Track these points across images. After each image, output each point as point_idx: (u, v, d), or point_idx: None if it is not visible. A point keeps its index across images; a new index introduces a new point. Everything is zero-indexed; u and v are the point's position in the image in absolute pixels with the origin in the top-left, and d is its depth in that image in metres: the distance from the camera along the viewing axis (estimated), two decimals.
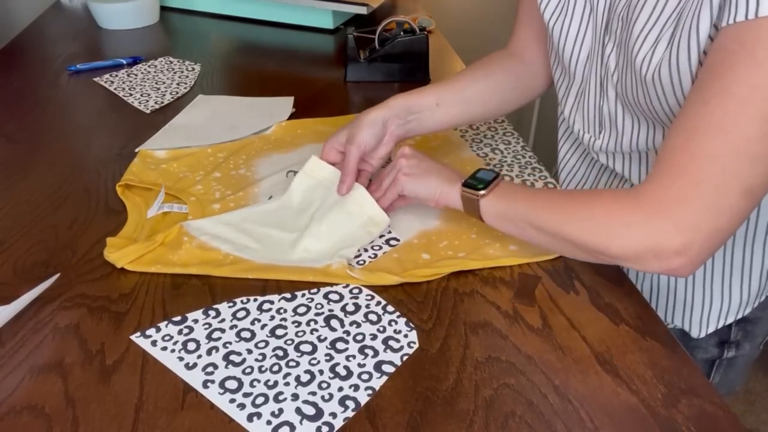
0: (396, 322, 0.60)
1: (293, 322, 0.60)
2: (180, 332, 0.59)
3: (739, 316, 0.76)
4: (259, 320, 0.60)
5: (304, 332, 0.59)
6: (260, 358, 0.56)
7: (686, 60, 0.55)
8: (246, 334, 0.59)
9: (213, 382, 0.54)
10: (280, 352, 0.57)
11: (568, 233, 0.58)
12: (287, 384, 0.54)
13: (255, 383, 0.54)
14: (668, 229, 0.51)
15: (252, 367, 0.55)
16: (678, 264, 0.53)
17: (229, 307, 0.62)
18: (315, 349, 0.57)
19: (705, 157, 0.50)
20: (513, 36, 0.85)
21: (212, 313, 0.61)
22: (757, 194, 0.51)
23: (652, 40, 0.59)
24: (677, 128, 0.53)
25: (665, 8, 0.58)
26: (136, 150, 0.88)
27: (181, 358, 0.56)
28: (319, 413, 0.51)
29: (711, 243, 0.52)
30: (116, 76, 1.14)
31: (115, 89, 1.09)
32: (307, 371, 0.55)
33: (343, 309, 0.62)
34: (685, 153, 0.51)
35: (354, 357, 0.56)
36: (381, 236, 0.72)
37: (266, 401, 0.52)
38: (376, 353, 0.57)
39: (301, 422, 0.50)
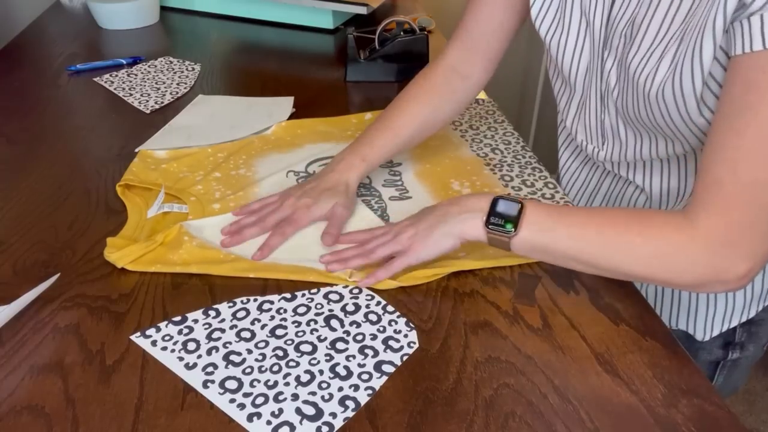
0: (396, 322, 0.60)
1: (293, 322, 0.60)
2: (180, 332, 0.59)
3: (744, 319, 0.76)
4: (259, 320, 0.60)
5: (304, 332, 0.59)
6: (260, 358, 0.56)
7: (689, 81, 0.56)
8: (246, 334, 0.59)
9: (213, 382, 0.54)
10: (280, 352, 0.57)
11: (628, 271, 0.57)
12: (287, 384, 0.54)
13: (255, 383, 0.54)
14: (734, 261, 0.53)
15: (252, 367, 0.55)
16: (739, 285, 0.54)
17: (229, 307, 0.62)
18: (315, 349, 0.57)
19: (755, 186, 0.51)
20: (451, 45, 0.81)
21: (212, 313, 0.61)
22: None
23: (656, 58, 0.59)
24: (716, 160, 0.53)
25: (671, 27, 0.58)
26: (136, 150, 0.88)
27: (181, 358, 0.56)
28: (319, 413, 0.51)
29: (765, 261, 0.54)
30: (116, 76, 1.14)
31: (115, 89, 1.09)
32: (307, 371, 0.55)
33: (343, 309, 0.62)
34: (735, 185, 0.51)
35: (354, 357, 0.56)
36: None
37: (266, 401, 0.52)
38: (376, 353, 0.57)
39: (301, 422, 0.50)
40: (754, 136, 0.50)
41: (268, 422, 0.50)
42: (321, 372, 0.55)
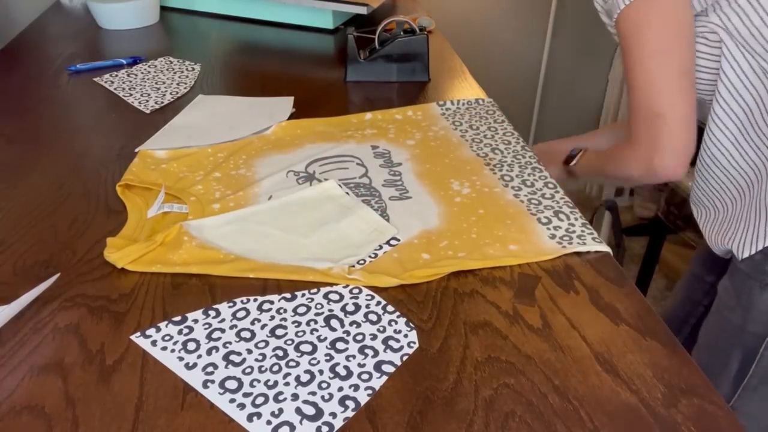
0: (396, 322, 0.60)
1: (293, 322, 0.60)
2: (180, 332, 0.59)
3: None
4: (259, 320, 0.60)
5: (304, 332, 0.59)
6: (260, 358, 0.56)
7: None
8: (246, 334, 0.59)
9: (213, 382, 0.54)
10: (280, 352, 0.57)
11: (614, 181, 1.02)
12: (287, 384, 0.54)
13: (255, 383, 0.54)
14: (657, 157, 0.81)
15: (252, 367, 0.55)
16: (673, 172, 0.81)
17: (229, 307, 0.62)
18: (315, 349, 0.57)
19: (643, 107, 0.80)
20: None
21: (212, 313, 0.61)
22: (691, 74, 0.80)
23: None
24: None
25: None
26: (136, 150, 0.88)
27: (181, 358, 0.56)
28: (319, 413, 0.51)
29: (685, 132, 0.80)
30: (116, 76, 1.14)
31: (115, 89, 1.09)
32: (307, 371, 0.55)
33: (343, 309, 0.62)
34: (635, 110, 0.82)
35: (354, 357, 0.56)
36: None
37: (266, 401, 0.52)
38: (376, 353, 0.57)
39: (301, 422, 0.50)
40: (631, 73, 0.79)
41: (268, 422, 0.50)
42: (321, 372, 0.55)
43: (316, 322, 0.60)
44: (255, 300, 0.63)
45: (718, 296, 0.97)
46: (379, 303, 0.62)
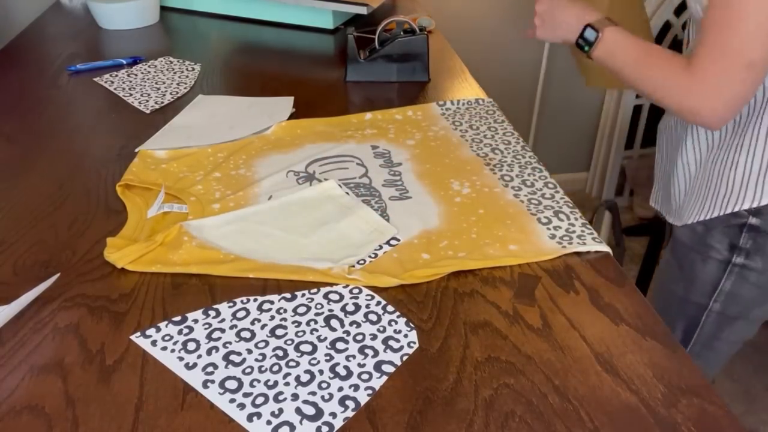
0: (396, 322, 0.60)
1: (293, 322, 0.60)
2: (180, 332, 0.59)
3: (743, 206, 0.85)
4: (259, 320, 0.60)
5: (304, 332, 0.59)
6: (260, 358, 0.56)
7: None
8: (246, 334, 0.59)
9: (213, 382, 0.54)
10: (280, 352, 0.57)
11: (647, 92, 0.82)
12: (287, 384, 0.54)
13: (255, 383, 0.54)
14: (712, 102, 0.75)
15: (252, 367, 0.55)
16: (715, 120, 0.76)
17: (229, 307, 0.62)
18: (315, 349, 0.57)
19: (737, 51, 0.72)
20: None
21: (212, 313, 0.61)
22: (760, 69, 0.72)
23: None
24: (712, 25, 0.73)
25: None
26: (136, 150, 0.88)
27: (181, 358, 0.56)
28: (319, 413, 0.51)
29: (731, 106, 0.75)
30: (116, 76, 1.14)
31: (115, 89, 1.09)
32: (307, 371, 0.55)
33: (343, 309, 0.62)
34: (723, 48, 0.73)
35: (354, 357, 0.56)
36: None
37: (266, 401, 0.52)
38: (376, 353, 0.57)
39: (301, 422, 0.50)
40: (731, 10, 0.70)
41: (268, 422, 0.50)
42: (321, 372, 0.55)
43: (316, 322, 0.60)
44: (255, 300, 0.63)
45: (661, 269, 1.05)
46: (379, 303, 0.62)
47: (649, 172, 1.38)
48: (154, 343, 0.58)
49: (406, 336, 0.59)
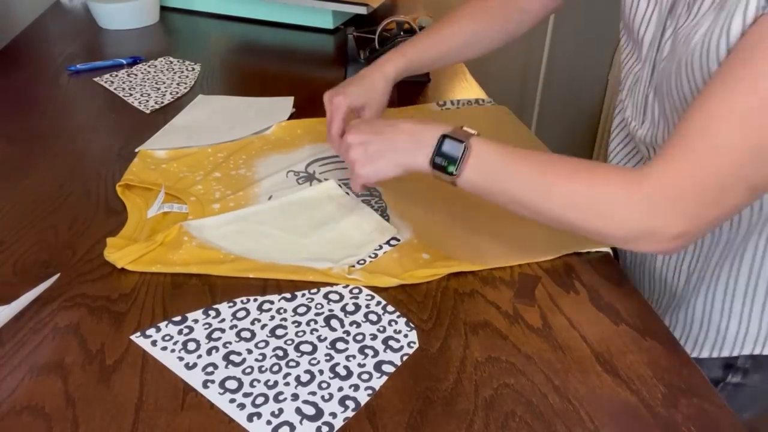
0: (396, 322, 0.60)
1: (293, 322, 0.60)
2: (180, 332, 0.59)
3: (747, 352, 0.70)
4: (259, 320, 0.60)
5: (304, 332, 0.59)
6: (260, 358, 0.56)
7: (716, 51, 0.53)
8: (246, 334, 0.59)
9: (213, 382, 0.54)
10: (280, 352, 0.57)
11: (565, 218, 0.55)
12: (287, 384, 0.54)
13: (255, 383, 0.54)
14: (671, 219, 0.51)
15: (252, 367, 0.55)
16: (671, 246, 0.52)
17: (229, 307, 0.62)
18: (315, 349, 0.57)
19: (722, 148, 0.49)
20: None
21: (212, 313, 0.61)
22: (760, 192, 0.51)
23: (698, 26, 0.56)
24: (693, 113, 0.51)
25: None
26: (136, 150, 0.88)
27: (181, 358, 0.56)
28: (319, 413, 0.51)
29: (708, 229, 0.52)
30: (116, 76, 1.14)
31: (115, 89, 1.09)
32: (307, 371, 0.55)
33: (343, 309, 0.62)
34: (703, 140, 0.49)
35: (354, 357, 0.56)
36: None
37: (266, 401, 0.52)
38: (376, 353, 0.57)
39: (301, 422, 0.50)
40: (742, 97, 0.48)
41: (268, 422, 0.50)
42: (321, 372, 0.55)
43: (316, 322, 0.60)
44: (255, 300, 0.63)
45: None
46: (379, 303, 0.62)
47: None
48: (154, 343, 0.58)
49: (406, 336, 0.59)
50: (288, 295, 0.63)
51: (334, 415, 0.51)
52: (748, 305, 0.68)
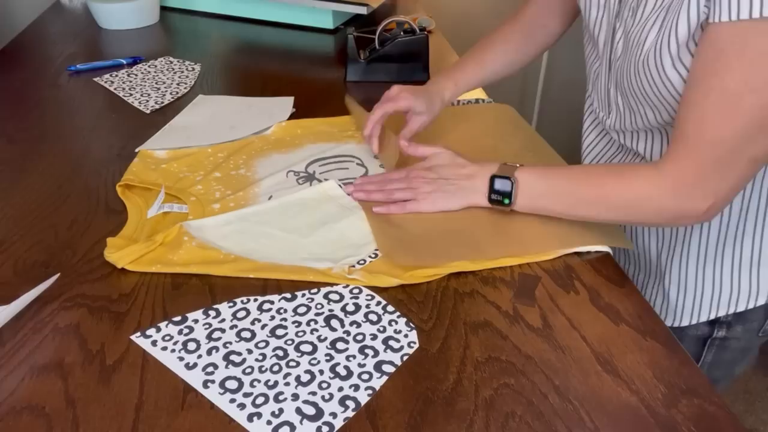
0: (396, 322, 0.60)
1: (293, 322, 0.60)
2: (180, 332, 0.59)
3: (732, 311, 0.77)
4: (259, 320, 0.60)
5: (305, 332, 0.59)
6: (260, 358, 0.56)
7: (667, 50, 0.62)
8: (246, 334, 0.59)
9: (213, 382, 0.54)
10: (280, 352, 0.57)
11: (609, 219, 0.69)
12: (287, 384, 0.54)
13: (255, 383, 0.54)
14: (695, 201, 0.61)
15: (252, 367, 0.55)
16: (705, 218, 0.63)
17: (230, 307, 0.62)
18: (315, 349, 0.57)
19: (715, 142, 0.58)
20: (530, 2, 0.92)
21: (212, 313, 0.61)
22: (761, 160, 0.60)
23: (648, 28, 0.64)
24: (685, 117, 0.60)
25: None
26: (136, 150, 0.88)
27: (181, 358, 0.56)
28: (319, 413, 0.51)
29: (727, 200, 0.62)
30: (116, 76, 1.14)
31: (115, 89, 1.09)
32: (308, 371, 0.55)
33: (343, 309, 0.62)
34: (699, 140, 0.59)
35: (354, 357, 0.56)
36: None
37: (266, 401, 0.52)
38: (376, 353, 0.57)
39: (301, 422, 0.50)
40: (716, 99, 0.57)
41: (269, 422, 0.50)
42: (321, 372, 0.55)
43: (316, 322, 0.60)
44: (255, 300, 0.63)
45: None
46: (379, 303, 0.62)
47: None
48: (154, 343, 0.58)
49: (406, 336, 0.59)
50: (288, 295, 0.63)
51: (334, 415, 0.51)
52: (719, 270, 0.76)
